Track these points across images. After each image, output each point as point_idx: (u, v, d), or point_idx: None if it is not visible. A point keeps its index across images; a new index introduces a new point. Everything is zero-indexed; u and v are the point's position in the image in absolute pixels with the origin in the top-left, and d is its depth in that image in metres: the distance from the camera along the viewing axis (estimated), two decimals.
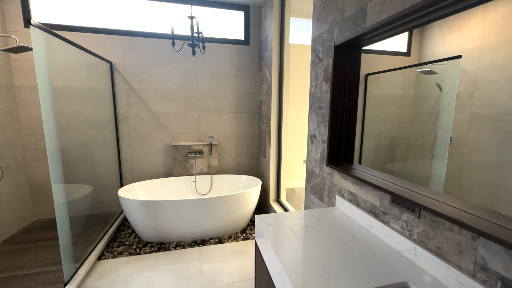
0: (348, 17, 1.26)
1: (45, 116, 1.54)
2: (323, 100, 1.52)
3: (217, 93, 3.09)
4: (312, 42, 1.67)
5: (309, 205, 1.79)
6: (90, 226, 2.60)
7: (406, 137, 1.02)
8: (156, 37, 2.82)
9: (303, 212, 1.33)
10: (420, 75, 0.94)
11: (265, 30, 2.85)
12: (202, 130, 3.13)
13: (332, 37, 1.41)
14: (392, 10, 0.98)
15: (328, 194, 1.52)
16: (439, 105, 0.88)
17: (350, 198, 1.30)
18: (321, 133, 1.56)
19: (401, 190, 0.94)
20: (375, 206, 1.12)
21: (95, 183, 2.80)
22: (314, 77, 1.64)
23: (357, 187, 1.24)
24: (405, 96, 1.01)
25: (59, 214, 1.67)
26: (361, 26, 1.15)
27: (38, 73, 1.48)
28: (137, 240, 2.47)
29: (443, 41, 0.84)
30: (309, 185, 1.79)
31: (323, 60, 1.53)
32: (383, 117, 1.14)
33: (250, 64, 3.13)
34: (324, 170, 1.55)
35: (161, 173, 3.08)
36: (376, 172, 1.17)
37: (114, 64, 2.76)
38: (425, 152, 0.94)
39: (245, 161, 3.33)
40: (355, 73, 1.23)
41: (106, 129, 2.80)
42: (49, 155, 1.57)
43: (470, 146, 0.78)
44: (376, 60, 1.18)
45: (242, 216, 2.61)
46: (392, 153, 1.11)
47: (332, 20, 1.41)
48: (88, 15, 2.65)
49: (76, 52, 2.63)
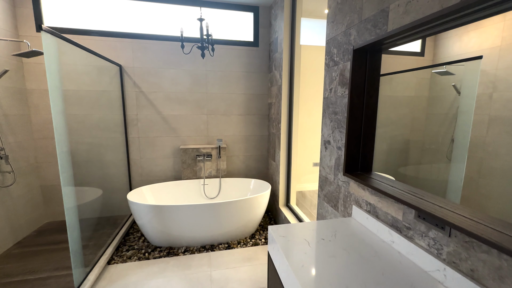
0: (367, 19, 1.20)
1: (55, 120, 1.53)
2: (339, 105, 1.46)
3: (226, 95, 3.06)
4: (327, 45, 1.61)
5: (322, 213, 1.73)
6: (100, 229, 2.61)
7: (420, 140, 0.98)
8: (166, 39, 2.81)
9: (318, 223, 1.27)
10: (435, 76, 0.90)
11: (275, 31, 2.80)
12: (211, 133, 3.10)
13: (349, 39, 1.35)
14: (418, 12, 0.91)
15: (344, 203, 1.45)
16: (455, 107, 0.84)
17: (369, 209, 1.23)
18: (336, 139, 1.50)
19: (429, 205, 0.87)
20: (397, 220, 1.05)
21: (105, 186, 2.81)
22: (329, 80, 1.58)
23: (376, 198, 1.17)
24: (419, 98, 0.97)
25: (69, 219, 1.67)
26: (382, 28, 1.09)
27: (49, 77, 1.47)
28: (146, 244, 2.46)
29: (459, 40, 0.80)
30: (322, 192, 1.73)
31: (338, 63, 1.46)
32: (396, 119, 1.10)
33: (260, 66, 3.08)
34: (339, 178, 1.49)
35: (170, 176, 3.07)
36: (397, 183, 1.11)
37: (123, 67, 2.76)
38: (440, 156, 0.90)
39: (254, 164, 3.28)
40: (374, 78, 1.17)
41: (115, 132, 2.80)
42: (60, 158, 1.56)
43: (489, 150, 0.75)
44: (388, 61, 1.14)
45: (251, 221, 2.56)
46: (405, 156, 1.07)
47: (349, 21, 1.35)
48: (99, 19, 2.65)
49: (87, 56, 2.64)
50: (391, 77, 1.11)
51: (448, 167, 0.88)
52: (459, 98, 0.84)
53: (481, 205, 0.77)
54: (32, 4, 2.49)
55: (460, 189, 0.84)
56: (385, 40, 1.00)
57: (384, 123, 1.19)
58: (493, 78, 0.73)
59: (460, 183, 0.84)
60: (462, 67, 0.82)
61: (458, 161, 0.84)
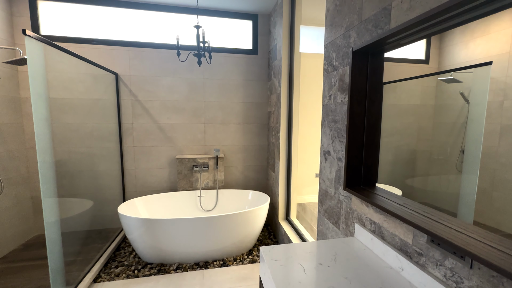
0: (367, 19, 1.10)
1: (37, 128, 1.44)
2: (338, 112, 1.35)
3: (225, 104, 2.98)
4: (325, 49, 1.51)
5: (323, 230, 1.59)
6: (89, 243, 2.49)
7: (427, 150, 0.93)
8: (163, 47, 2.77)
9: (316, 243, 1.13)
10: (441, 83, 0.86)
11: (274, 39, 2.74)
12: (208, 142, 3.00)
13: (349, 42, 1.25)
14: (425, 7, 0.81)
15: (345, 221, 1.32)
16: (464, 115, 0.81)
17: (373, 228, 1.09)
18: (336, 150, 1.38)
19: (443, 229, 0.74)
20: (406, 244, 0.91)
21: (96, 197, 2.71)
22: (328, 87, 1.48)
23: (381, 216, 1.04)
24: (425, 106, 0.93)
25: (50, 234, 1.55)
26: (384, 28, 0.99)
27: (31, 83, 1.40)
28: (137, 260, 2.32)
29: (465, 47, 0.77)
30: (322, 207, 1.59)
31: (337, 68, 1.36)
32: (401, 128, 1.06)
33: (259, 74, 3.01)
34: (340, 193, 1.35)
35: (165, 187, 2.95)
36: (405, 199, 0.97)
37: (120, 76, 2.71)
38: (449, 167, 0.85)
39: (252, 175, 3.16)
40: (377, 82, 1.06)
41: (110, 142, 2.72)
42: (41, 168, 1.47)
43: (502, 161, 0.70)
44: (391, 68, 1.09)
45: (249, 236, 2.41)
46: (412, 167, 1.01)
47: (348, 23, 1.26)
48: (96, 27, 2.63)
49: (81, 64, 2.61)
50: (395, 85, 1.07)
51: (459, 179, 0.82)
52: (468, 107, 0.80)
53: (496, 220, 0.71)
54: (30, 14, 2.48)
55: (473, 203, 0.77)
56: (387, 39, 0.89)
57: (389, 132, 1.12)
58: (503, 85, 0.70)
59: (472, 196, 0.78)
60: (470, 74, 0.78)
61: (470, 173, 0.79)
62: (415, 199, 0.97)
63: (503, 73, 0.70)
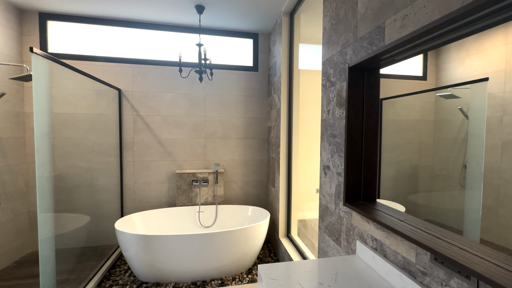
0: (362, 37, 1.13)
1: (38, 143, 1.45)
2: (337, 127, 1.35)
3: (225, 119, 3.01)
4: (323, 66, 1.55)
5: (324, 247, 1.54)
6: (84, 260, 2.42)
7: (429, 165, 0.93)
8: (165, 64, 2.84)
9: (317, 262, 1.09)
10: (440, 99, 0.88)
11: (274, 56, 2.81)
12: (208, 157, 2.99)
13: (345, 59, 1.28)
14: (416, 25, 0.84)
15: (346, 238, 1.28)
16: (464, 131, 0.82)
17: (375, 246, 1.06)
18: (336, 164, 1.37)
19: (446, 246, 0.71)
20: (409, 262, 0.88)
21: (93, 213, 2.67)
22: (326, 102, 1.50)
23: (383, 233, 1.01)
24: (425, 122, 0.94)
25: (44, 251, 1.51)
26: (379, 45, 1.02)
27: (35, 98, 1.43)
28: (132, 279, 2.23)
29: (461, 64, 0.79)
30: (323, 223, 1.55)
31: (335, 83, 1.39)
32: (402, 144, 1.07)
33: (259, 90, 3.07)
34: (341, 208, 1.33)
35: (164, 203, 2.91)
36: (406, 215, 0.95)
37: (122, 91, 2.77)
38: (452, 183, 0.85)
39: (252, 190, 3.12)
40: (373, 97, 1.07)
41: (110, 156, 2.73)
42: (39, 183, 1.46)
43: (506, 177, 0.70)
44: (389, 85, 1.12)
45: (248, 254, 2.34)
46: (414, 183, 1.00)
47: (344, 41, 1.30)
48: (102, 45, 2.73)
49: (86, 80, 2.68)
50: (394, 100, 1.09)
51: (462, 195, 0.81)
52: (468, 122, 0.80)
53: (504, 238, 0.70)
54: (39, 32, 2.58)
55: (479, 220, 0.76)
56: (382, 56, 0.91)
57: (389, 147, 1.13)
58: (501, 101, 0.71)
59: (478, 213, 0.77)
60: (467, 90, 0.80)
61: (473, 189, 0.78)
62: (418, 215, 0.95)
63: (500, 89, 0.71)
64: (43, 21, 2.58)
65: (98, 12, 2.55)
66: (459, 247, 0.71)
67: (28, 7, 2.48)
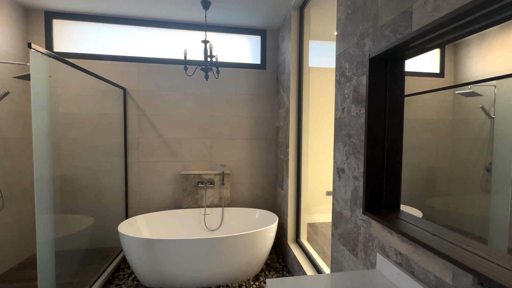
0: (384, 25, 1.01)
1: (36, 142, 1.39)
2: (353, 126, 1.23)
3: (232, 119, 2.91)
4: (337, 60, 1.43)
5: (337, 257, 1.41)
6: (88, 263, 2.37)
7: (447, 167, 0.88)
8: (171, 63, 2.78)
9: (332, 277, 0.98)
10: (459, 97, 0.83)
11: (282, 53, 2.70)
12: (214, 158, 2.91)
13: (363, 50, 1.16)
14: (454, 5, 0.71)
15: (364, 249, 1.15)
16: (486, 131, 0.76)
17: (399, 261, 0.93)
18: (352, 167, 1.25)
19: (496, 270, 0.58)
20: (444, 284, 0.75)
21: (98, 214, 2.62)
22: (341, 99, 1.37)
23: (410, 247, 0.88)
24: (442, 121, 0.90)
25: (42, 256, 1.45)
26: (405, 32, 0.89)
27: (33, 96, 1.37)
28: (135, 283, 2.16)
29: (483, 60, 0.74)
30: (336, 231, 1.43)
31: (351, 78, 1.27)
32: (418, 144, 1.02)
33: (267, 88, 2.96)
34: (358, 216, 1.20)
35: (169, 204, 2.84)
36: (437, 227, 0.82)
37: (127, 90, 2.71)
38: (473, 186, 0.80)
39: (260, 192, 3.01)
40: (398, 92, 0.95)
41: (115, 156, 2.68)
42: (37, 184, 1.40)
43: None
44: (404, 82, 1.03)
45: (255, 260, 2.23)
46: (431, 186, 0.95)
47: (362, 31, 1.17)
48: (107, 44, 2.68)
49: (91, 79, 2.64)
50: (409, 99, 1.02)
51: (485, 199, 0.76)
52: (491, 121, 0.75)
53: None
54: (45, 31, 2.56)
55: (507, 227, 0.71)
56: (410, 43, 0.79)
57: (404, 148, 1.05)
58: None
59: (505, 220, 0.71)
60: (490, 87, 0.75)
61: (500, 193, 0.72)
62: (436, 220, 0.88)
63: None
64: (48, 19, 2.56)
65: (103, 10, 2.50)
66: (510, 269, 0.59)
67: (34, 5, 2.46)
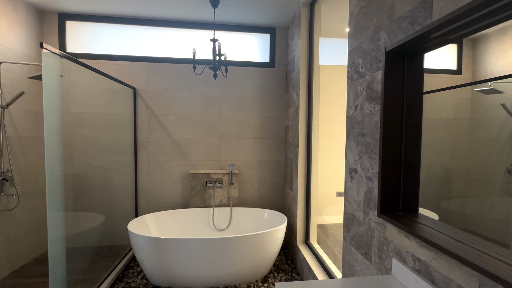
0: (401, 17, 0.95)
1: (48, 142, 1.41)
2: (367, 124, 1.18)
3: (240, 118, 2.89)
4: (349, 55, 1.37)
5: (349, 261, 1.36)
6: (99, 260, 2.40)
7: (464, 168, 0.85)
8: (180, 62, 2.78)
9: (345, 282, 0.93)
10: (478, 95, 0.80)
11: (291, 51, 2.65)
12: (223, 157, 2.89)
13: (377, 45, 1.10)
14: None
15: (379, 253, 1.10)
16: (508, 130, 0.73)
17: (418, 267, 0.87)
18: (365, 167, 1.19)
19: None
20: None
21: (108, 212, 2.66)
22: (353, 96, 1.32)
23: (429, 253, 0.82)
24: (459, 120, 0.86)
25: (53, 253, 1.47)
26: (424, 23, 0.84)
27: (45, 95, 1.39)
28: (144, 282, 2.18)
29: (504, 55, 0.71)
30: (348, 233, 1.37)
31: (364, 75, 1.21)
32: (432, 144, 0.98)
33: (276, 87, 2.92)
34: (371, 218, 1.15)
35: (177, 203, 2.85)
36: (462, 232, 0.77)
37: (137, 90, 2.74)
38: (493, 188, 0.77)
39: (269, 192, 2.97)
40: (416, 88, 0.89)
41: (125, 155, 2.71)
42: (48, 183, 1.42)
43: None
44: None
45: (264, 260, 2.20)
46: (446, 188, 0.92)
47: (376, 24, 1.12)
48: (117, 44, 2.72)
49: (102, 79, 2.67)
50: (425, 97, 0.98)
51: (507, 202, 0.73)
52: None
53: None
54: (58, 33, 2.61)
55: None
56: (431, 34, 0.73)
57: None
58: None
59: None
60: None
61: None
62: (452, 223, 0.84)
63: None
64: (62, 21, 2.61)
65: (113, 11, 2.53)
66: None
67: (48, 8, 2.51)
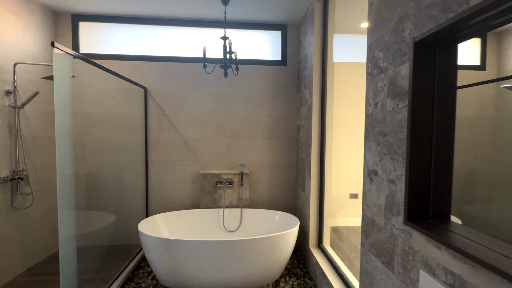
0: (430, 4, 0.87)
1: (59, 141, 1.41)
2: (389, 123, 1.09)
3: (251, 117, 2.84)
4: (368, 50, 1.29)
5: (368, 269, 1.27)
6: (110, 259, 2.41)
7: (488, 170, 0.81)
8: (190, 61, 2.76)
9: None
10: (505, 92, 0.76)
11: (304, 48, 2.57)
12: (233, 158, 2.85)
13: (402, 36, 1.02)
14: None
15: (403, 263, 1.01)
16: None
17: (451, 281, 0.78)
18: (387, 169, 1.11)
19: None
20: None
21: (120, 212, 2.67)
22: (373, 93, 1.23)
23: (465, 266, 0.73)
24: (483, 119, 0.82)
25: (64, 252, 1.46)
26: (459, 9, 0.75)
27: (56, 95, 1.38)
28: (154, 282, 2.16)
29: None
30: (367, 240, 1.29)
31: (386, 69, 1.12)
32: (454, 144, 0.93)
33: (288, 85, 2.84)
34: (393, 224, 1.06)
35: (187, 204, 2.83)
36: (503, 244, 0.67)
37: (148, 90, 2.73)
38: None
39: (280, 193, 2.90)
40: (449, 82, 0.80)
41: (136, 155, 2.71)
42: (59, 182, 1.41)
43: None
44: None
45: (276, 264, 2.13)
46: (468, 190, 0.88)
47: (401, 14, 1.03)
48: (129, 44, 2.72)
49: (114, 79, 2.69)
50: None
51: None
52: None
53: None
54: (72, 34, 2.65)
55: None
56: (471, 19, 0.65)
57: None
58: None
59: None
60: None
61: None
62: (475, 228, 0.79)
63: None
64: (75, 22, 2.64)
65: (125, 11, 2.53)
66: None
67: (62, 9, 2.55)
